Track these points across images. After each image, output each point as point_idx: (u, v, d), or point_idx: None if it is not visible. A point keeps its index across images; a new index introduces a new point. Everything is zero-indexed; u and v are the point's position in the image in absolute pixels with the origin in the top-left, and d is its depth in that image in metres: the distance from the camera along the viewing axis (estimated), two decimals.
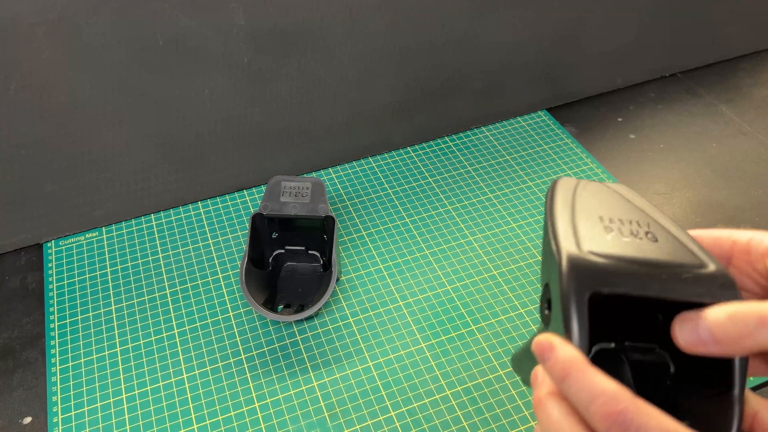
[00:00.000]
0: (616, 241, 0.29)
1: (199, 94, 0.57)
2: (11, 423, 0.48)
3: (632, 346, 0.31)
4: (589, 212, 0.31)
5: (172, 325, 0.54)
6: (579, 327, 0.26)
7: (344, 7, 0.56)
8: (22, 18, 0.47)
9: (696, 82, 0.79)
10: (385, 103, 0.66)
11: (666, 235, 0.30)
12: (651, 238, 0.30)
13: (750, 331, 0.23)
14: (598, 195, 0.33)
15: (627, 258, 0.28)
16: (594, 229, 0.30)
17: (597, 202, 0.32)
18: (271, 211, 0.54)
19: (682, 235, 0.30)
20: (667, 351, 0.30)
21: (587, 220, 0.31)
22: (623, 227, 0.30)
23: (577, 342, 0.26)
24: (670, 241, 0.30)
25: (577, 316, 0.26)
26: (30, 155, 0.54)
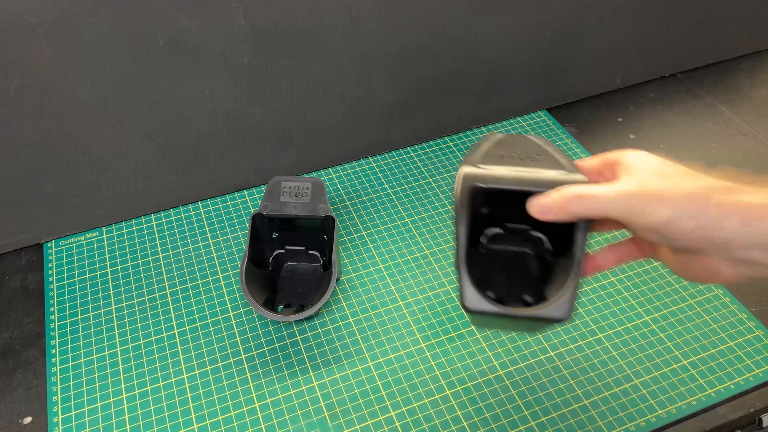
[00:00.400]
0: (505, 162, 0.43)
1: (199, 94, 0.57)
2: (11, 423, 0.48)
3: (513, 228, 0.46)
4: (497, 149, 0.45)
5: (172, 325, 0.54)
6: (464, 208, 0.40)
7: (344, 7, 0.56)
8: (22, 18, 0.47)
9: (696, 82, 0.80)
10: (385, 103, 0.66)
11: (549, 159, 0.43)
12: (535, 161, 0.43)
13: (569, 202, 0.36)
14: (510, 140, 0.46)
15: (505, 169, 0.42)
16: (491, 158, 0.43)
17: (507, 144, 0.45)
18: (271, 211, 0.54)
19: (562, 159, 0.43)
20: (541, 232, 0.45)
21: (490, 154, 0.44)
22: (515, 156, 0.44)
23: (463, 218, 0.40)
24: (550, 161, 0.43)
25: (464, 201, 0.40)
26: (30, 155, 0.54)
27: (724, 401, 0.49)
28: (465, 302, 0.39)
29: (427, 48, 0.63)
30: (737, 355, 0.51)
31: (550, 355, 0.52)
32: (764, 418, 0.49)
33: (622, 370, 0.51)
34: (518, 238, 0.46)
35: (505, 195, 0.41)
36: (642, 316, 0.54)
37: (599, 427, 0.47)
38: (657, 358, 0.51)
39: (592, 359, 0.51)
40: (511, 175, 0.41)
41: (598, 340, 0.52)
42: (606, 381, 0.50)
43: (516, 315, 0.39)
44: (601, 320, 0.54)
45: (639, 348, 0.52)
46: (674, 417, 0.48)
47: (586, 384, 0.50)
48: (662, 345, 0.52)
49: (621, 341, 0.52)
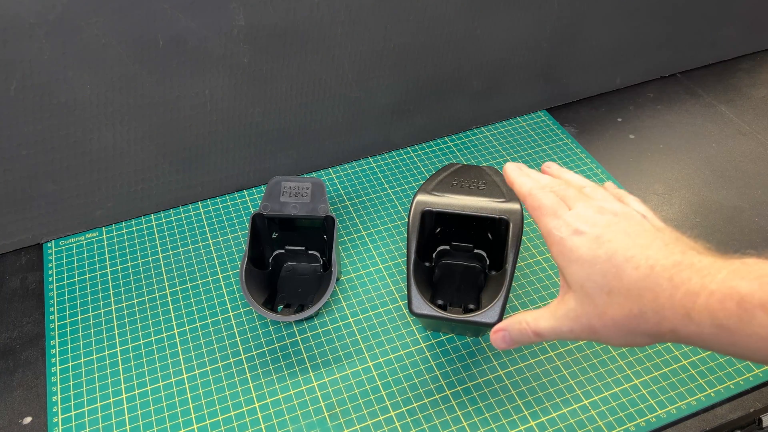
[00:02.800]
0: (454, 190, 0.54)
1: (199, 94, 0.57)
2: (11, 423, 0.48)
3: (458, 246, 0.56)
4: (450, 178, 0.55)
5: (172, 325, 0.54)
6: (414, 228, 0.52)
7: (344, 7, 0.56)
8: (22, 18, 0.47)
9: (695, 82, 0.80)
10: (385, 103, 0.66)
11: (494, 188, 0.53)
12: (480, 189, 0.53)
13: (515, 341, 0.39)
14: (464, 170, 0.56)
15: (453, 197, 0.53)
16: (443, 186, 0.54)
17: (461, 173, 0.55)
18: (271, 211, 0.54)
19: (504, 189, 0.53)
20: (483, 250, 0.55)
21: (444, 182, 0.54)
22: (464, 185, 0.54)
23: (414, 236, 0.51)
24: (493, 190, 0.53)
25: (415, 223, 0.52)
26: (30, 155, 0.54)
27: (724, 401, 0.49)
28: (411, 307, 0.48)
29: (427, 48, 0.63)
30: None
31: (550, 355, 0.52)
32: (764, 418, 0.49)
33: (622, 370, 0.51)
34: (470, 254, 0.56)
35: (452, 217, 0.52)
36: None
37: (599, 427, 0.47)
38: (657, 358, 0.51)
39: (592, 359, 0.51)
40: (455, 202, 0.52)
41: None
42: (606, 381, 0.50)
43: (453, 319, 0.47)
44: None
45: (639, 348, 0.52)
46: (674, 417, 0.48)
47: (586, 384, 0.50)
48: (662, 345, 0.52)
49: None
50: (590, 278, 0.34)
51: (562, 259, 0.37)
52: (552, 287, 0.57)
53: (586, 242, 0.35)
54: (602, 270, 0.34)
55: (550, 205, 0.38)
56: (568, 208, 0.38)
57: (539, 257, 0.59)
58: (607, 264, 0.34)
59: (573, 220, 0.36)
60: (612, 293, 0.33)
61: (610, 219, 0.36)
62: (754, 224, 0.62)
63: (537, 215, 0.39)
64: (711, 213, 0.63)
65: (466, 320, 0.47)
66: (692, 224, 0.62)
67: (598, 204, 0.38)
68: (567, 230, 0.36)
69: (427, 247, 0.54)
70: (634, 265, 0.33)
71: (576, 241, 0.35)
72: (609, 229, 0.35)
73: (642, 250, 0.33)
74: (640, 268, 0.33)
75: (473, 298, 0.54)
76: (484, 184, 0.54)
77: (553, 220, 0.37)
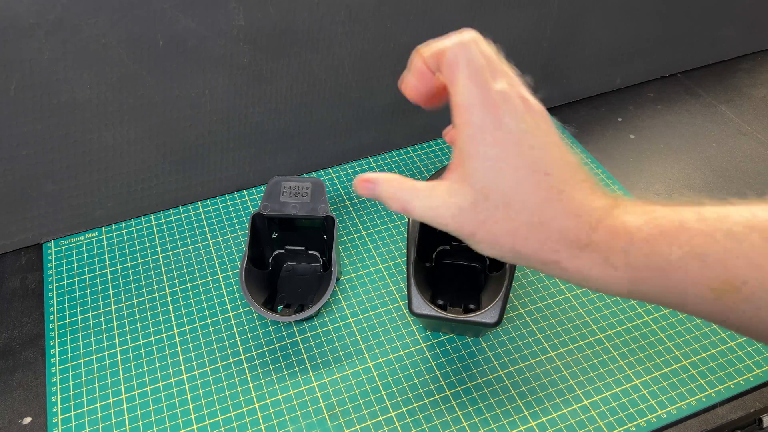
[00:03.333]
0: None
1: (199, 94, 0.57)
2: (11, 423, 0.48)
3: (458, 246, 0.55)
4: None
5: (172, 325, 0.54)
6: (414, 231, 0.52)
7: (344, 7, 0.56)
8: (22, 18, 0.47)
9: (695, 82, 0.80)
10: (385, 103, 0.66)
11: None
12: None
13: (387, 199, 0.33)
14: None
15: None
16: None
17: None
18: (271, 211, 0.54)
19: None
20: None
21: None
22: None
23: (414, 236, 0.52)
24: None
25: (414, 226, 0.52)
26: (30, 155, 0.54)
27: (724, 401, 0.49)
28: (411, 307, 0.48)
29: None
30: (737, 356, 0.51)
31: (551, 356, 0.51)
32: (764, 418, 0.49)
33: (622, 370, 0.50)
34: (470, 254, 0.55)
35: None
36: (642, 316, 0.54)
37: (599, 427, 0.47)
38: (657, 358, 0.51)
39: (592, 359, 0.51)
40: None
41: (598, 340, 0.52)
42: (606, 381, 0.50)
43: (453, 319, 0.47)
44: (601, 320, 0.54)
45: (639, 348, 0.52)
46: (674, 417, 0.48)
47: (586, 384, 0.50)
48: (662, 345, 0.52)
49: (621, 341, 0.52)
50: (498, 178, 0.29)
51: (472, 148, 0.30)
52: (552, 287, 0.56)
53: (511, 139, 0.29)
54: (507, 175, 0.29)
55: (480, 64, 0.30)
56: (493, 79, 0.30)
57: None
58: (513, 173, 0.29)
59: (500, 98, 0.30)
60: (509, 204, 0.29)
61: (532, 112, 0.31)
62: None
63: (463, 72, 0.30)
64: None
65: (466, 320, 0.47)
66: None
67: (518, 90, 0.31)
68: (490, 115, 0.29)
69: (427, 247, 0.55)
70: (546, 183, 0.29)
71: (499, 133, 0.29)
72: (533, 130, 0.30)
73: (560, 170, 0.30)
74: (551, 188, 0.29)
75: (473, 298, 0.54)
76: None
77: (485, 85, 0.30)
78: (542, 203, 0.29)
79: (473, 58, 0.30)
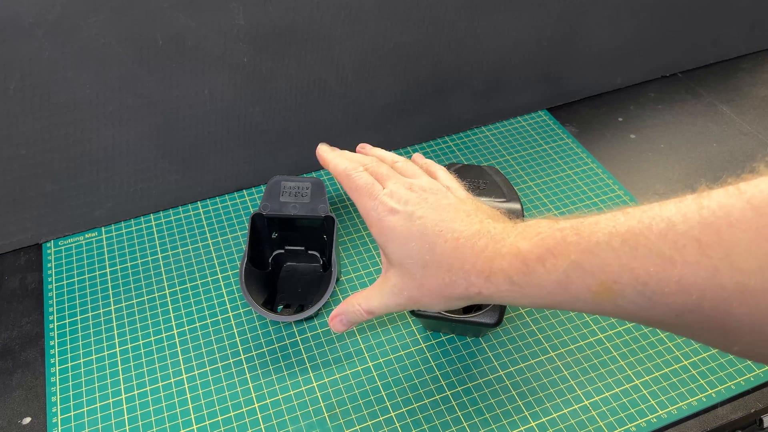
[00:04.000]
0: None
1: (199, 94, 0.57)
2: (10, 423, 0.48)
3: None
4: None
5: (172, 325, 0.54)
6: None
7: (344, 7, 0.56)
8: (22, 18, 0.47)
9: (696, 82, 0.79)
10: (385, 103, 0.66)
11: (494, 188, 0.54)
12: (480, 189, 0.54)
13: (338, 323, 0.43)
14: (465, 170, 0.56)
15: None
16: None
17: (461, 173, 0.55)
18: (270, 211, 0.54)
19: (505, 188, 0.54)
20: None
21: None
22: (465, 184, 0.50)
23: None
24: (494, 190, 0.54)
25: None
26: (30, 155, 0.54)
27: (725, 401, 0.49)
28: None
29: (427, 48, 0.63)
30: None
31: (551, 356, 0.51)
32: (765, 418, 0.49)
33: (622, 370, 0.50)
34: None
35: None
36: None
37: (599, 427, 0.47)
38: (657, 358, 0.51)
39: (593, 359, 0.51)
40: None
41: (599, 341, 0.52)
42: (606, 381, 0.50)
43: (453, 319, 0.48)
44: (601, 320, 0.54)
45: (639, 348, 0.52)
46: (675, 417, 0.48)
47: (586, 384, 0.50)
48: (662, 345, 0.52)
49: (621, 341, 0.52)
50: (408, 255, 0.37)
51: (381, 238, 0.39)
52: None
53: (401, 221, 0.38)
54: (417, 246, 0.37)
55: (365, 186, 0.40)
56: (382, 186, 0.40)
57: None
58: (420, 240, 0.37)
59: (387, 199, 0.39)
60: (427, 266, 0.37)
61: (420, 195, 0.39)
62: None
63: (355, 196, 0.41)
64: None
65: (466, 320, 0.47)
66: None
67: (409, 181, 0.41)
68: (383, 210, 0.39)
69: None
70: (443, 238, 0.36)
71: (392, 220, 0.38)
72: (419, 206, 0.38)
73: (448, 224, 0.37)
74: (448, 241, 0.36)
75: None
76: (484, 183, 0.54)
77: (369, 201, 0.40)
78: (444, 254, 0.36)
79: (354, 183, 0.41)
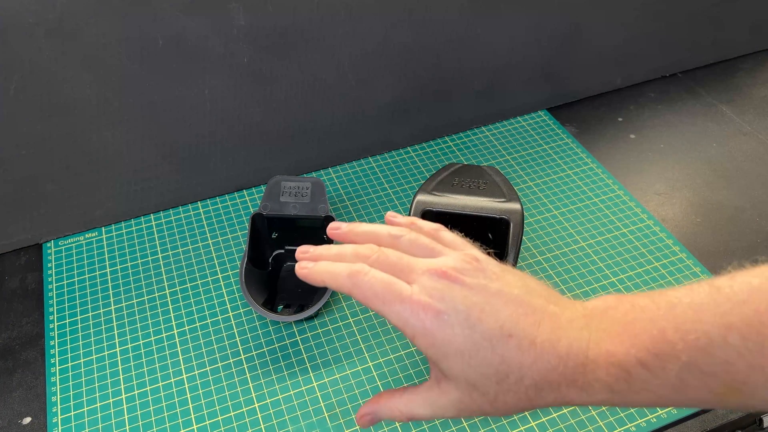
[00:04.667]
0: (455, 190, 0.54)
1: (199, 94, 0.57)
2: (11, 423, 0.48)
3: None
4: (451, 178, 0.55)
5: (172, 325, 0.54)
6: None
7: (344, 7, 0.56)
8: (22, 18, 0.47)
9: (696, 82, 0.79)
10: (385, 103, 0.66)
11: (494, 188, 0.54)
12: (481, 189, 0.54)
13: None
14: (465, 170, 0.56)
15: (452, 197, 0.53)
16: (444, 186, 0.54)
17: (461, 173, 0.55)
18: (270, 211, 0.54)
19: (505, 188, 0.53)
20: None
21: (444, 182, 0.55)
22: (464, 185, 0.54)
23: None
24: (494, 190, 0.53)
25: None
26: (30, 155, 0.54)
27: None
28: None
29: (427, 48, 0.63)
30: None
31: None
32: (765, 418, 0.49)
33: None
34: None
35: (452, 217, 0.52)
36: None
37: (599, 427, 0.47)
38: None
39: None
40: (455, 202, 0.53)
41: None
42: None
43: None
44: None
45: None
46: (675, 417, 0.48)
47: None
48: None
49: None
50: (474, 369, 0.30)
51: (433, 351, 0.31)
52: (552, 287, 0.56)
53: (457, 328, 0.30)
54: (486, 359, 0.30)
55: (384, 288, 0.31)
56: (406, 281, 0.32)
57: (539, 257, 0.59)
58: (489, 352, 0.30)
59: (425, 298, 0.30)
60: (502, 381, 0.30)
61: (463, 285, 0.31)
62: (755, 224, 0.62)
63: (376, 305, 0.32)
64: (712, 213, 0.63)
65: None
66: (693, 224, 0.62)
67: (434, 263, 0.32)
68: (425, 315, 0.30)
69: None
70: (517, 346, 0.30)
71: (445, 328, 0.30)
72: (469, 301, 0.31)
73: (515, 323, 0.30)
74: (525, 350, 0.29)
75: None
76: (484, 184, 0.54)
77: (399, 307, 0.31)
78: (523, 367, 0.30)
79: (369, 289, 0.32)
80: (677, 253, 0.59)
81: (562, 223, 0.62)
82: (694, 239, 0.60)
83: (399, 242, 0.34)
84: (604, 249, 0.59)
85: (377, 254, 0.33)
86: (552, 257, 0.59)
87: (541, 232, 0.61)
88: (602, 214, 0.63)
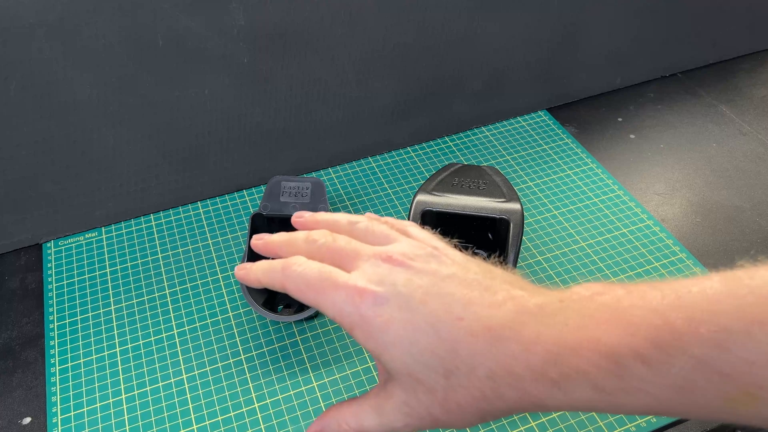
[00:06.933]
0: (455, 190, 0.53)
1: (199, 94, 0.57)
2: (10, 423, 0.48)
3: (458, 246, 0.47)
4: (451, 178, 0.55)
5: (172, 326, 0.54)
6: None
7: (344, 7, 0.56)
8: (22, 18, 0.47)
9: (696, 82, 0.79)
10: (385, 103, 0.66)
11: (494, 188, 0.53)
12: (481, 189, 0.53)
13: None
14: (465, 170, 0.56)
15: (452, 197, 0.52)
16: (444, 186, 0.54)
17: (461, 173, 0.55)
18: (270, 212, 0.54)
19: (505, 189, 0.53)
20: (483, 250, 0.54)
21: (444, 182, 0.54)
22: (464, 185, 0.54)
23: None
24: (494, 190, 0.53)
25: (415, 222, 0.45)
26: (30, 155, 0.54)
27: None
28: None
29: (427, 48, 0.63)
30: None
31: None
32: None
33: None
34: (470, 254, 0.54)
35: (452, 217, 0.52)
36: None
37: (599, 427, 0.47)
38: None
39: None
40: (455, 202, 0.52)
41: None
42: None
43: None
44: None
45: None
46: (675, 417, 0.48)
47: None
48: None
49: None
50: (417, 360, 0.26)
51: (371, 343, 0.26)
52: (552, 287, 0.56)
53: (395, 312, 0.26)
54: (430, 347, 0.25)
55: (316, 277, 0.28)
56: (346, 269, 0.28)
57: (539, 257, 0.59)
58: (434, 338, 0.25)
59: (363, 283, 0.27)
60: (452, 374, 0.25)
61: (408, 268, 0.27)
62: (755, 224, 0.62)
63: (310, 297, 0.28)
64: (712, 213, 0.63)
65: None
66: (693, 224, 0.62)
67: (383, 250, 0.28)
68: (362, 301, 0.26)
69: None
70: (466, 328, 0.25)
71: (382, 314, 0.26)
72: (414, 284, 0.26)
73: (467, 306, 0.25)
74: (477, 334, 0.25)
75: None
76: (484, 184, 0.54)
77: (334, 295, 0.27)
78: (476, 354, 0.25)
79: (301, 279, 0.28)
80: (677, 253, 0.59)
81: (562, 223, 0.62)
82: (694, 239, 0.60)
83: (354, 228, 0.31)
84: (604, 249, 0.59)
85: (325, 238, 0.30)
86: (552, 257, 0.59)
87: (541, 232, 0.61)
88: (602, 214, 0.63)
